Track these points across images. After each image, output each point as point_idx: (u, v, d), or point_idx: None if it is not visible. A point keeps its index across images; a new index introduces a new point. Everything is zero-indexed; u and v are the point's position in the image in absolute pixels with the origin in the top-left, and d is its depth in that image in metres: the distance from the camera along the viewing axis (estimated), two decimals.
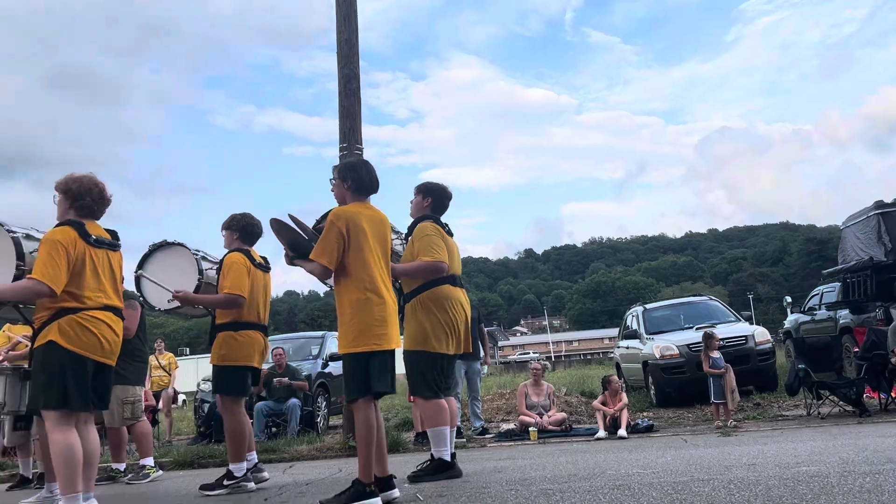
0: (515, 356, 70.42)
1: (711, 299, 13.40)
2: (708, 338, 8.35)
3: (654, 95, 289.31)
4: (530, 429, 8.47)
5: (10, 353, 6.18)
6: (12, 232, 4.41)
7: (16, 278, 4.27)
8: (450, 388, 5.28)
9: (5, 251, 4.36)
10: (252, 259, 5.52)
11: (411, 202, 5.41)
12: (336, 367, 12.26)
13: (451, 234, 5.34)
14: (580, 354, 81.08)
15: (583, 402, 11.11)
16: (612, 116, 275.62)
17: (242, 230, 5.63)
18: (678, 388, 10.70)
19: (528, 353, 69.05)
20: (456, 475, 5.06)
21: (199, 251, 5.74)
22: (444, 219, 5.34)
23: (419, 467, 5.18)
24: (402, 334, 4.67)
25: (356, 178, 4.41)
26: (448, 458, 5.06)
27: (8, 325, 6.47)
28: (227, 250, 5.61)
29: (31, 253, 4.34)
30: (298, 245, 4.39)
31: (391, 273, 4.91)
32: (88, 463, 4.22)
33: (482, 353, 9.45)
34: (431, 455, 5.13)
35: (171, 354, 12.78)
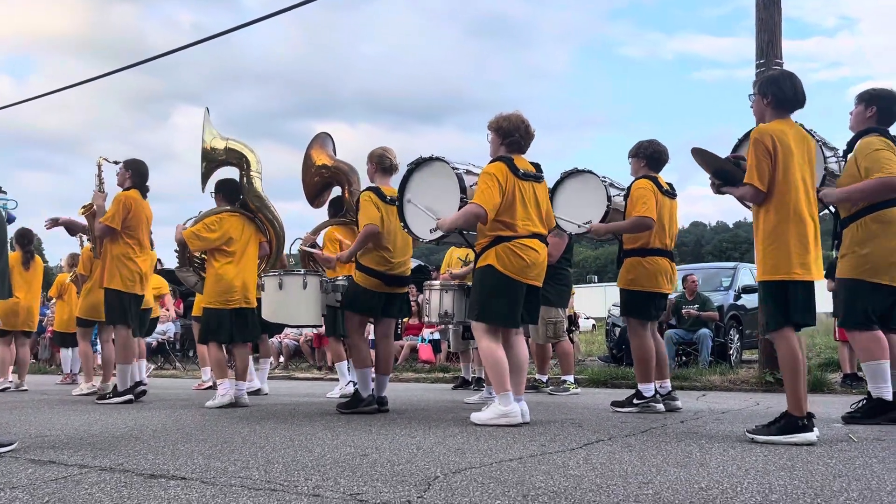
0: None
1: None
2: None
3: None
4: None
5: (456, 271, 7.14)
6: (456, 169, 5.04)
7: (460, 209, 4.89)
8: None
9: (451, 186, 5.00)
10: (659, 185, 5.50)
11: (851, 113, 4.80)
12: (749, 300, 11.70)
13: None
14: None
15: None
16: None
17: (649, 157, 5.62)
18: None
19: None
20: None
21: (606, 178, 5.88)
22: (893, 131, 4.65)
23: (854, 407, 4.73)
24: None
25: (777, 92, 4.05)
26: (889, 397, 4.51)
27: (452, 247, 7.45)
28: (633, 178, 5.66)
29: (471, 186, 4.92)
30: (724, 172, 4.20)
31: (829, 198, 4.46)
32: (518, 369, 4.75)
33: None
34: (868, 394, 4.65)
35: None
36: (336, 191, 7.15)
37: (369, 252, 5.49)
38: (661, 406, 5.40)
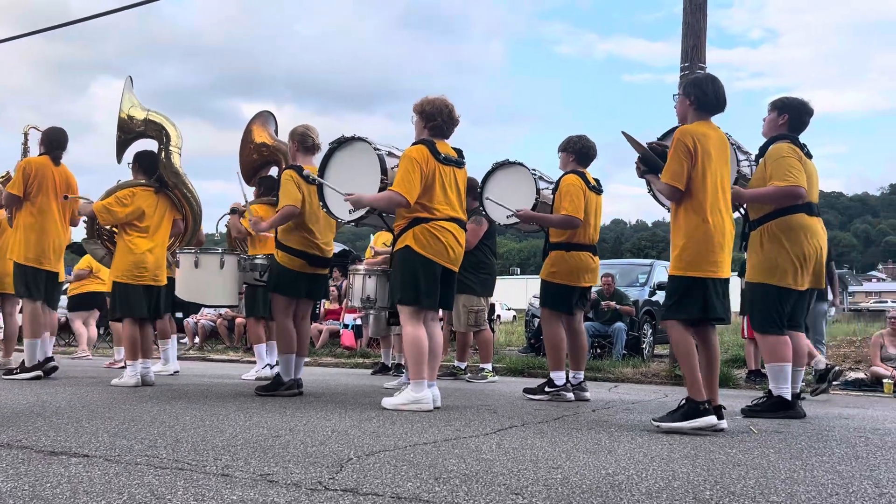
0: (869, 304, 62.69)
1: None
2: None
3: None
4: (885, 381, 7.58)
5: (379, 248, 7.11)
6: (378, 150, 5.01)
7: (380, 190, 4.87)
8: (800, 325, 4.92)
9: (372, 167, 4.98)
10: (586, 181, 5.60)
11: (764, 120, 5.00)
12: (663, 296, 12.06)
13: (809, 157, 4.86)
14: None
15: None
16: None
17: (578, 152, 5.73)
18: None
19: (885, 302, 61.07)
20: (796, 416, 4.74)
21: (536, 171, 5.96)
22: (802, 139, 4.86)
23: (754, 402, 4.94)
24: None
25: (700, 94, 4.19)
26: (788, 397, 4.75)
27: (379, 232, 7.41)
28: (562, 171, 5.76)
29: (392, 168, 4.91)
30: (649, 160, 4.31)
31: (739, 198, 4.63)
32: (433, 355, 4.76)
33: (830, 295, 8.59)
34: (769, 391, 4.87)
35: None
36: (271, 170, 7.02)
37: (292, 232, 5.39)
38: (570, 395, 5.53)
